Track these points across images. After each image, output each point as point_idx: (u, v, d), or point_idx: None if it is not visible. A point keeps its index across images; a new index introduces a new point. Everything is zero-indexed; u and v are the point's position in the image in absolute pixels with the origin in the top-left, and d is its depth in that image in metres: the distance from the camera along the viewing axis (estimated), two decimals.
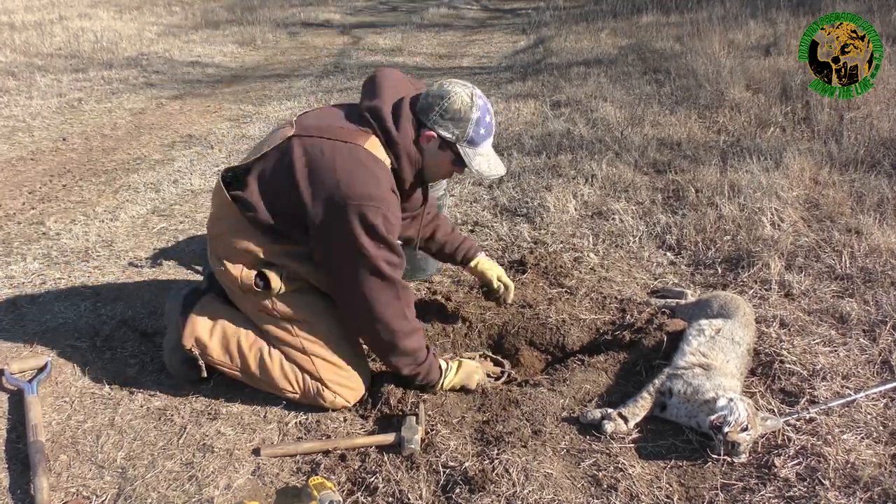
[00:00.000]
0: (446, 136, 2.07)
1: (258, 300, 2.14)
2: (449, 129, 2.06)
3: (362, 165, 1.98)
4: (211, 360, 2.19)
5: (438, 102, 2.05)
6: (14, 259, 3.28)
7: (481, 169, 2.11)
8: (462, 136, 2.07)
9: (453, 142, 2.08)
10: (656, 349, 2.38)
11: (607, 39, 8.38)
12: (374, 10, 13.05)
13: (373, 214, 1.94)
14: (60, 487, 1.90)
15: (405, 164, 2.09)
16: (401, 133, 2.05)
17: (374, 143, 2.04)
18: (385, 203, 1.97)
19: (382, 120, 2.05)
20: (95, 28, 9.78)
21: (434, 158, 2.13)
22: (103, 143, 5.18)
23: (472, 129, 2.07)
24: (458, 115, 2.05)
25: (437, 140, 2.08)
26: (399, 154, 2.06)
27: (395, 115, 2.06)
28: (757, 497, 1.79)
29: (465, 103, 2.05)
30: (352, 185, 1.94)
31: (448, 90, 2.06)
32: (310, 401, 2.19)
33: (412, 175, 2.13)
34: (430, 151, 2.11)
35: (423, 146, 2.10)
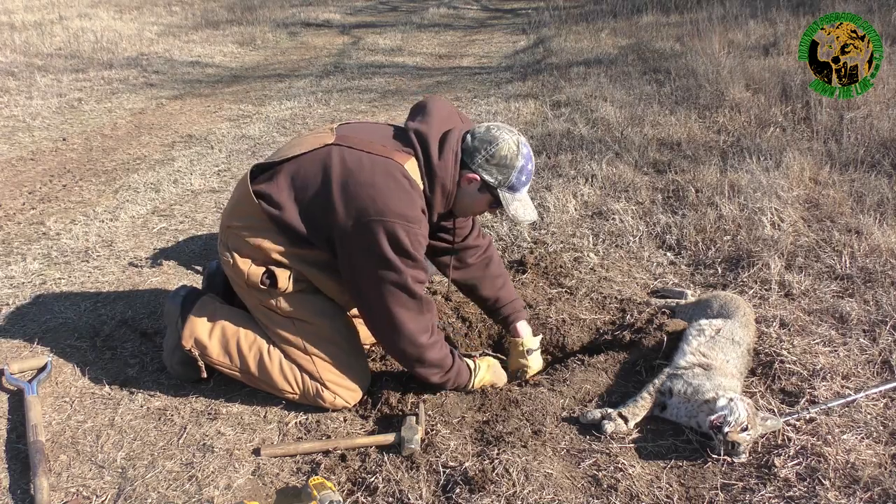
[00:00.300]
0: (489, 181, 2.07)
1: (262, 297, 2.14)
2: (493, 174, 2.07)
3: (397, 182, 1.97)
4: (210, 360, 2.19)
5: (486, 147, 2.05)
6: (14, 259, 3.28)
7: (517, 214, 2.12)
8: (504, 182, 2.08)
9: (495, 187, 2.08)
10: (656, 349, 2.38)
11: (607, 39, 8.38)
12: (374, 9, 13.05)
13: (403, 233, 1.94)
14: (60, 487, 1.90)
15: (438, 195, 2.08)
16: (442, 163, 2.04)
17: (413, 165, 2.04)
18: (416, 222, 1.97)
19: (427, 145, 2.04)
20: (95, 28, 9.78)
21: (471, 198, 2.13)
22: (103, 143, 5.18)
23: (515, 177, 2.08)
24: (504, 162, 2.05)
25: (478, 182, 2.09)
26: (434, 183, 2.06)
27: (441, 146, 2.05)
28: (757, 497, 1.79)
29: (512, 151, 2.06)
30: (386, 202, 1.94)
31: (496, 136, 2.06)
32: (309, 401, 2.19)
33: (443, 206, 2.12)
34: (468, 191, 2.11)
35: (462, 186, 2.10)
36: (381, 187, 1.95)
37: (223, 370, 2.21)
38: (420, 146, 2.05)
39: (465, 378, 2.23)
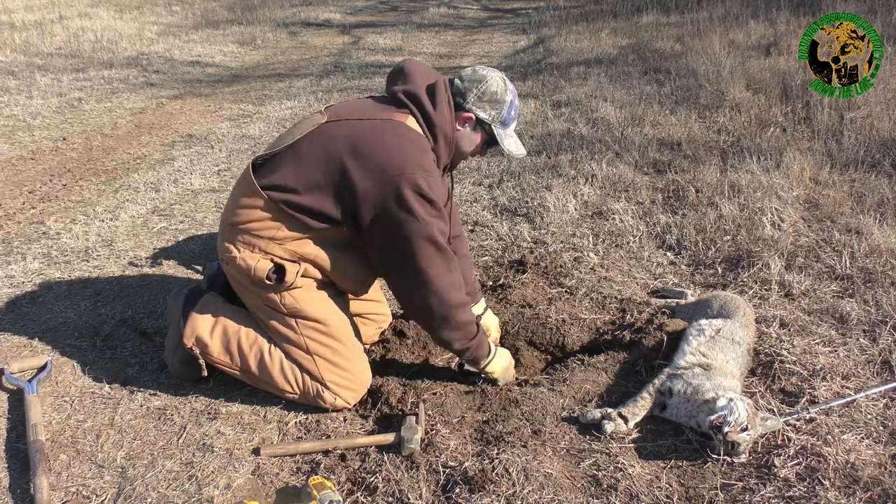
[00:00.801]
0: (483, 117, 2.16)
1: (266, 293, 2.13)
2: (486, 111, 2.15)
3: (408, 138, 2.03)
4: (211, 358, 2.19)
5: (477, 86, 2.14)
6: (14, 259, 3.28)
7: (511, 148, 2.20)
8: (497, 118, 2.17)
9: (489, 122, 2.16)
10: (656, 349, 2.38)
11: (607, 39, 8.38)
12: (375, 9, 13.05)
13: (425, 183, 1.97)
14: (60, 487, 1.90)
15: (441, 144, 2.14)
16: (438, 113, 2.10)
17: (413, 122, 2.09)
18: (434, 173, 2.02)
19: (420, 101, 2.10)
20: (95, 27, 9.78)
21: (468, 140, 2.20)
22: (103, 143, 5.18)
23: (507, 111, 2.17)
24: (496, 98, 2.14)
25: (473, 121, 2.17)
26: (437, 134, 2.12)
27: (432, 97, 2.11)
28: (757, 497, 1.79)
29: (501, 87, 2.15)
30: (403, 156, 1.98)
31: (484, 74, 2.15)
32: (309, 401, 2.18)
33: (447, 155, 2.19)
34: (465, 133, 2.19)
35: (458, 128, 2.17)
36: (392, 144, 2.00)
37: (224, 369, 2.21)
38: (413, 103, 2.10)
39: (485, 352, 2.22)
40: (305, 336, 2.15)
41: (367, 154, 1.99)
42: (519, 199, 3.90)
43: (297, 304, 2.13)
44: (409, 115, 2.10)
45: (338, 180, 2.01)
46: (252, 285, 2.13)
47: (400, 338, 2.52)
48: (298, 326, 2.15)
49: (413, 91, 2.11)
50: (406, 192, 1.96)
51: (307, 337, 2.15)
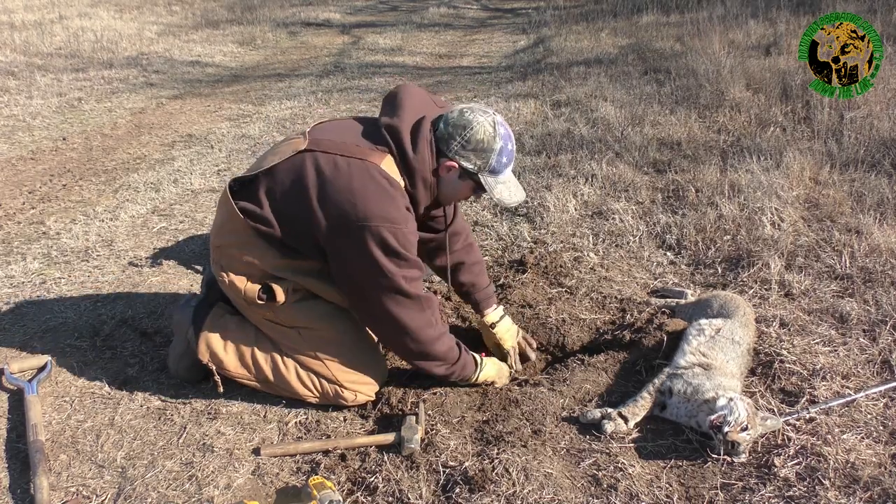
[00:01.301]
0: (468, 167, 2.02)
1: (263, 311, 2.14)
2: (471, 160, 2.01)
3: (376, 184, 1.93)
4: (228, 373, 2.19)
5: (460, 133, 1.98)
6: (14, 259, 3.28)
7: (502, 197, 2.06)
8: (484, 167, 2.02)
9: (475, 172, 2.03)
10: (656, 349, 2.38)
11: (607, 39, 8.38)
12: (375, 9, 13.05)
13: (389, 234, 1.90)
14: (60, 487, 1.90)
15: (420, 188, 2.04)
16: (418, 157, 1.99)
17: (390, 162, 1.99)
18: (401, 222, 1.93)
19: (400, 141, 1.99)
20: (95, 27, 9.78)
21: (453, 187, 2.09)
22: (103, 143, 5.18)
23: (495, 160, 2.02)
24: (481, 146, 1.99)
25: (457, 170, 2.04)
26: (414, 178, 2.01)
27: (414, 138, 1.99)
28: (757, 497, 1.79)
29: (489, 133, 1.99)
30: (367, 206, 1.90)
31: (470, 119, 1.99)
32: (330, 402, 2.19)
33: (427, 198, 2.09)
34: (449, 180, 2.07)
35: (441, 175, 2.05)
36: (360, 191, 1.91)
37: (242, 381, 2.21)
38: (393, 142, 1.99)
39: (471, 371, 2.22)
40: (312, 344, 2.16)
41: (333, 200, 1.92)
42: None
43: (295, 317, 2.14)
44: (387, 155, 1.99)
45: (305, 221, 1.97)
46: (248, 304, 2.14)
47: None
48: (302, 336, 2.16)
49: (396, 127, 1.99)
50: (369, 245, 1.90)
51: (314, 344, 2.16)
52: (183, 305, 2.34)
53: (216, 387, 2.21)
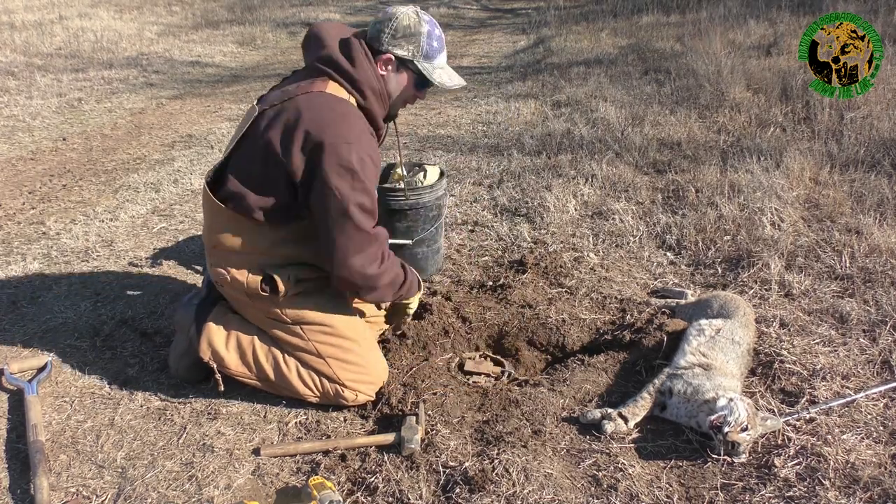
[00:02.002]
0: (403, 55, 2.07)
1: (266, 306, 2.14)
2: (403, 48, 2.07)
3: (329, 108, 1.97)
4: (229, 371, 2.19)
5: (387, 24, 2.06)
6: (14, 259, 3.28)
7: (443, 81, 2.13)
8: (417, 52, 2.09)
9: (410, 59, 2.08)
10: (656, 349, 2.38)
11: (607, 39, 8.38)
12: (375, 9, 13.05)
13: (347, 153, 1.91)
14: (60, 487, 1.90)
15: (372, 99, 2.07)
16: (358, 69, 2.03)
17: (334, 86, 2.02)
18: (358, 142, 1.95)
19: (336, 63, 2.03)
20: (95, 28, 9.78)
21: (395, 82, 2.12)
22: (103, 143, 5.18)
23: (426, 43, 2.09)
24: (409, 31, 2.07)
25: (394, 62, 2.08)
26: (363, 90, 2.05)
27: (347, 54, 2.04)
28: (757, 497, 1.79)
29: (413, 19, 2.07)
30: (323, 127, 1.92)
31: (393, 12, 2.08)
32: (331, 401, 2.19)
33: (381, 107, 2.12)
34: (391, 78, 2.11)
35: (382, 74, 2.09)
36: (311, 118, 1.94)
37: (242, 380, 2.21)
38: (330, 67, 2.03)
39: (415, 290, 2.29)
40: (313, 341, 2.16)
41: (292, 134, 1.95)
42: (519, 199, 3.90)
43: (298, 311, 2.14)
44: (329, 81, 2.03)
45: (272, 168, 1.99)
46: (251, 300, 2.14)
47: (400, 338, 2.52)
48: (305, 333, 2.16)
49: (328, 55, 2.04)
50: (325, 162, 1.91)
51: (315, 342, 2.16)
52: (185, 303, 2.34)
53: (217, 385, 2.21)
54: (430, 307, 2.66)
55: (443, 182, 3.00)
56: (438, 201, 2.96)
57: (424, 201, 2.89)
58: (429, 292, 2.91)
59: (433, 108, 6.12)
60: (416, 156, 4.73)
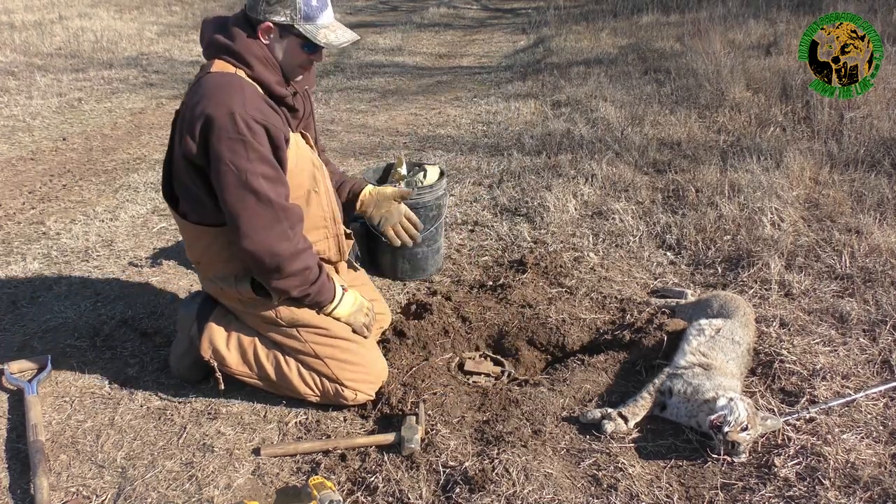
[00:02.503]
0: (281, 21, 1.98)
1: (262, 310, 2.14)
2: (280, 13, 1.97)
3: (210, 84, 1.92)
4: (230, 370, 2.20)
5: None
6: (14, 259, 3.28)
7: (329, 40, 2.03)
8: (296, 15, 1.98)
9: (290, 24, 1.99)
10: (656, 349, 2.38)
11: (607, 39, 8.38)
12: (374, 9, 13.05)
13: (231, 122, 1.86)
14: (60, 487, 1.90)
15: (260, 68, 2.00)
16: (237, 41, 1.98)
17: (221, 64, 1.99)
18: (243, 108, 1.88)
19: (217, 43, 2.00)
20: (95, 28, 9.78)
21: (283, 52, 2.04)
22: (103, 143, 5.18)
23: (303, 4, 1.98)
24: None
25: (275, 29, 2.00)
26: (248, 60, 1.98)
27: (224, 30, 2.01)
28: (757, 497, 1.79)
29: None
30: (205, 104, 1.88)
31: None
32: (331, 401, 2.19)
33: (273, 73, 2.04)
34: (276, 46, 2.03)
35: (265, 43, 2.01)
36: (196, 101, 1.90)
37: (244, 379, 2.22)
38: (214, 48, 2.00)
39: (329, 297, 2.14)
40: (311, 343, 2.16)
41: (188, 121, 1.91)
42: (519, 199, 3.90)
43: (293, 314, 2.14)
44: (216, 60, 2.00)
45: (188, 167, 1.96)
46: (246, 308, 2.15)
47: (400, 338, 2.52)
48: (301, 335, 2.16)
49: (209, 38, 2.02)
50: (214, 140, 1.87)
51: (312, 343, 2.16)
52: (188, 301, 2.34)
53: (217, 384, 2.21)
54: (430, 307, 2.66)
55: (443, 182, 3.00)
56: (438, 201, 2.97)
57: (424, 201, 2.89)
58: (429, 292, 2.91)
59: (433, 108, 6.12)
60: (416, 156, 4.73)
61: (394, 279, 3.08)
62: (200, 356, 2.20)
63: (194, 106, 1.91)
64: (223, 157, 1.87)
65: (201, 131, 1.89)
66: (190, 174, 1.98)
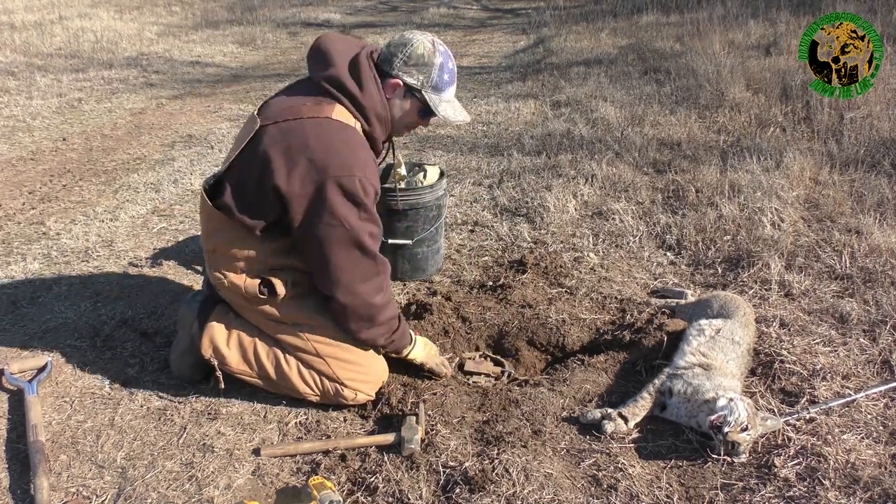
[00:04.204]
0: (411, 83, 2.06)
1: (265, 308, 2.14)
2: (413, 76, 2.05)
3: (335, 136, 1.96)
4: (230, 369, 2.19)
5: (402, 50, 2.04)
6: (14, 259, 3.28)
7: (447, 115, 2.10)
8: (427, 82, 2.06)
9: (418, 88, 2.06)
10: (656, 349, 2.38)
11: (607, 39, 8.38)
12: (375, 9, 13.05)
13: (352, 184, 1.91)
14: (60, 487, 1.90)
15: (376, 125, 2.07)
16: (366, 94, 2.02)
17: (341, 111, 2.01)
18: (363, 171, 1.94)
19: (344, 86, 2.01)
20: (95, 28, 9.78)
21: (400, 109, 2.11)
22: (103, 143, 5.18)
23: (437, 75, 2.06)
24: (422, 61, 2.04)
25: (402, 88, 2.07)
26: (368, 116, 2.04)
27: (356, 77, 2.02)
28: (757, 497, 1.79)
29: (428, 49, 2.05)
30: (328, 158, 1.92)
31: (409, 38, 2.06)
32: (331, 401, 2.19)
33: (384, 132, 2.12)
34: (396, 103, 2.10)
35: (388, 97, 2.08)
36: (318, 146, 1.93)
37: (244, 378, 2.21)
38: (338, 90, 2.01)
39: (406, 342, 2.22)
40: (312, 340, 2.15)
41: (294, 158, 1.93)
42: (519, 199, 3.90)
43: (295, 310, 2.14)
44: (336, 105, 2.01)
45: (268, 187, 1.96)
46: (249, 304, 2.14)
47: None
48: (303, 333, 2.16)
49: (335, 76, 2.01)
50: (332, 196, 1.91)
51: (314, 341, 2.15)
52: (189, 300, 2.34)
53: (217, 383, 2.21)
54: (430, 307, 2.66)
55: (443, 182, 3.00)
56: (438, 201, 2.97)
57: (424, 201, 2.89)
58: (429, 292, 2.91)
59: None
60: (416, 156, 4.73)
61: (394, 279, 3.08)
62: (201, 355, 2.20)
63: (311, 152, 1.92)
64: (337, 213, 1.93)
65: (317, 183, 1.91)
66: (270, 198, 1.97)
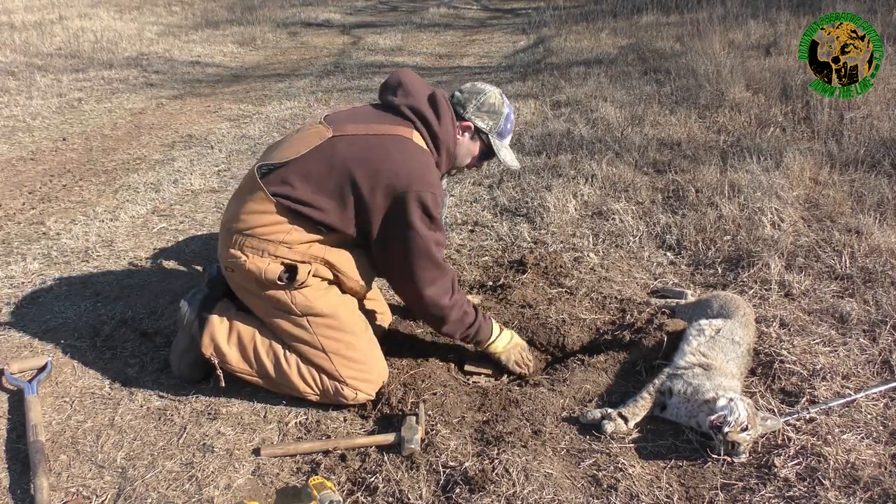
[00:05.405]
0: (481, 126, 2.30)
1: (277, 295, 2.12)
2: (484, 121, 2.30)
3: (416, 154, 2.13)
4: (230, 367, 2.20)
5: (476, 97, 2.29)
6: (14, 259, 3.28)
7: (506, 159, 2.36)
8: (494, 128, 2.32)
9: (486, 132, 2.31)
10: (656, 349, 2.38)
11: (607, 39, 8.38)
12: (375, 9, 13.05)
13: (429, 199, 2.08)
14: (60, 487, 1.90)
15: (444, 157, 2.27)
16: (443, 126, 2.22)
17: (418, 137, 2.19)
18: (437, 186, 2.13)
19: (424, 116, 2.20)
20: (95, 28, 9.78)
21: (466, 147, 2.34)
22: (103, 143, 5.18)
23: (503, 123, 2.33)
24: (494, 109, 2.30)
25: (472, 130, 2.30)
26: (440, 147, 2.24)
27: (436, 110, 2.22)
28: (757, 497, 1.79)
29: (499, 100, 2.32)
30: (410, 173, 2.07)
31: (482, 88, 2.32)
32: (330, 400, 2.19)
33: (447, 166, 2.33)
34: (463, 142, 2.32)
35: (458, 137, 2.30)
36: (401, 161, 2.08)
37: (243, 377, 2.21)
38: (418, 118, 2.20)
39: (486, 335, 2.35)
40: (318, 334, 2.15)
41: (378, 170, 2.07)
42: (519, 199, 3.90)
43: (308, 301, 2.13)
44: (414, 130, 2.18)
45: (349, 196, 2.09)
46: (261, 289, 2.13)
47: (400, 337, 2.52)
48: (311, 325, 2.15)
49: (416, 106, 2.20)
50: (411, 208, 2.06)
51: (320, 335, 2.15)
52: (189, 298, 2.34)
53: (218, 381, 2.21)
54: None
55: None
56: None
57: None
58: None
59: None
60: None
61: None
62: (201, 353, 2.20)
63: (395, 168, 2.06)
64: (415, 225, 2.09)
65: (398, 197, 2.07)
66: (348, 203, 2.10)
